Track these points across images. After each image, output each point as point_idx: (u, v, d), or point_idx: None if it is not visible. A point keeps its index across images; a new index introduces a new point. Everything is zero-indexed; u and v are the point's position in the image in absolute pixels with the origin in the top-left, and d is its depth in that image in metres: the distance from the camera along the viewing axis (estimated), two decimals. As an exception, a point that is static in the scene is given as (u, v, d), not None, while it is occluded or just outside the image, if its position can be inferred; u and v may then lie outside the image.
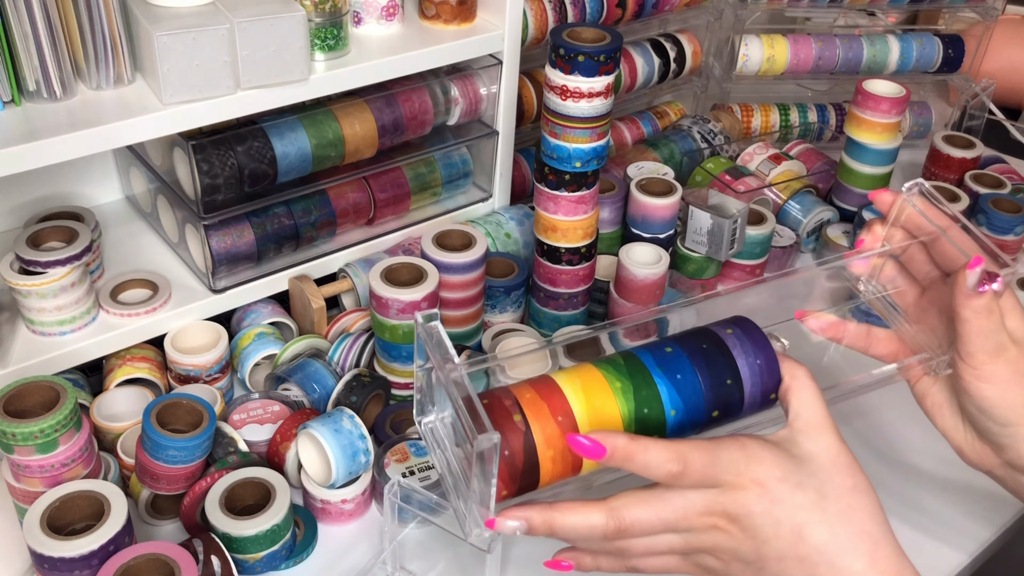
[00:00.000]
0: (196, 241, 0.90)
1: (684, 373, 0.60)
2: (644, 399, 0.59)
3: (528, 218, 1.08)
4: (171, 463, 0.74)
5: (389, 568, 0.76)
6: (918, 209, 0.69)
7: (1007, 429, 0.65)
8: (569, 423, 0.57)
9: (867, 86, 1.15)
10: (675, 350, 0.61)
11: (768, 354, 0.62)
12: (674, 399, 0.59)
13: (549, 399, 0.58)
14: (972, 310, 0.63)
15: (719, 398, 0.61)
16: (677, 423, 0.60)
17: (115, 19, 0.77)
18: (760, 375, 0.62)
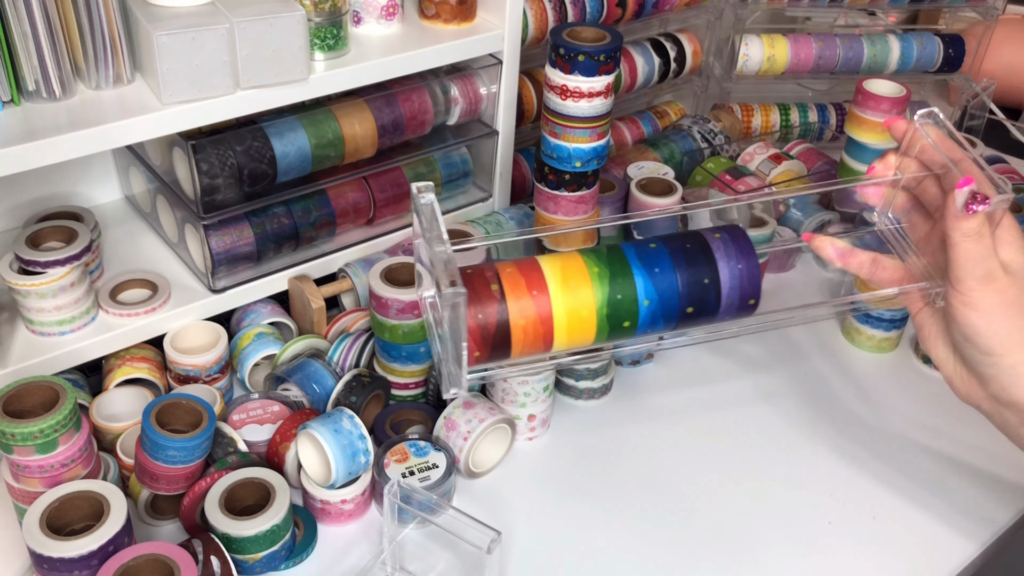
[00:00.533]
0: (196, 241, 0.90)
1: (663, 267, 0.63)
2: (619, 286, 0.62)
3: (528, 218, 1.08)
4: (171, 463, 0.74)
5: (389, 568, 0.76)
6: (930, 139, 0.68)
7: (990, 358, 0.65)
8: (543, 299, 0.61)
9: (867, 86, 1.15)
10: (659, 246, 0.64)
11: (751, 261, 0.65)
12: (648, 290, 0.63)
13: (528, 275, 0.62)
14: (961, 232, 0.63)
15: (694, 295, 0.64)
16: (650, 313, 0.63)
17: (115, 19, 0.77)
18: (740, 279, 0.65)
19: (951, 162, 0.67)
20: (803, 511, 0.84)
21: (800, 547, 0.81)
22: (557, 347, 0.64)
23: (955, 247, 0.64)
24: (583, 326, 0.63)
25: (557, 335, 0.63)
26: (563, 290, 0.62)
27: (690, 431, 0.92)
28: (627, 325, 0.64)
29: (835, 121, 1.43)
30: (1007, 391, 0.66)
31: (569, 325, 0.63)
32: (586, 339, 0.64)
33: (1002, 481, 0.88)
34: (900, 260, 0.73)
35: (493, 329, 0.61)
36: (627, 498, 0.85)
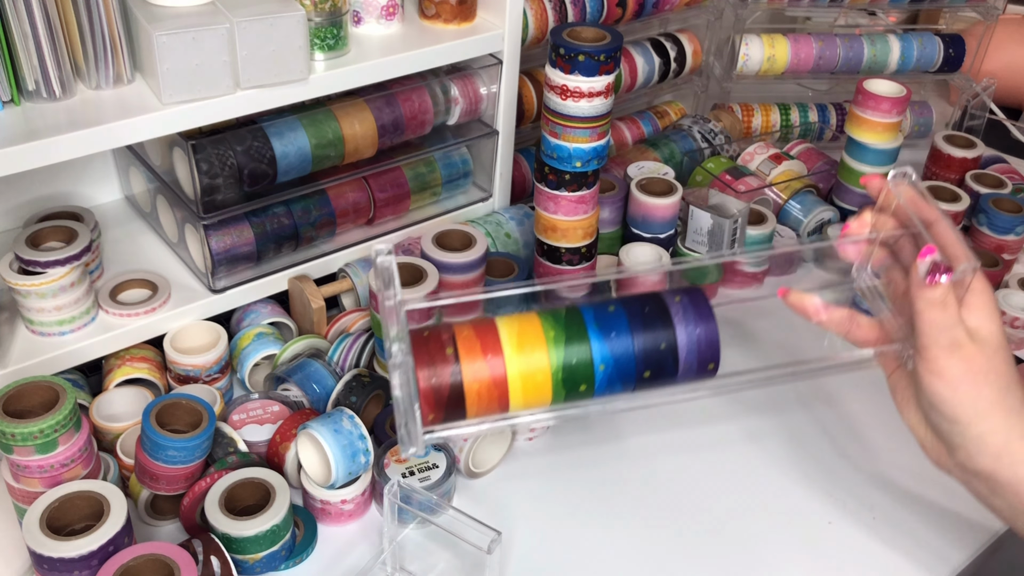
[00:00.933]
0: (196, 241, 0.90)
1: (619, 331, 0.63)
2: (575, 351, 0.62)
3: (528, 218, 1.08)
4: (171, 463, 0.74)
5: (389, 568, 0.76)
6: (902, 200, 0.68)
7: (956, 427, 0.64)
8: (498, 362, 0.62)
9: (868, 86, 1.14)
10: (617, 309, 0.64)
11: (710, 326, 0.64)
12: (604, 355, 0.63)
13: (484, 338, 0.62)
14: (925, 301, 0.62)
15: (651, 360, 0.63)
16: (607, 377, 0.63)
17: (115, 19, 0.77)
18: (698, 344, 0.64)
19: (923, 224, 0.66)
20: (803, 511, 0.84)
21: (800, 547, 0.81)
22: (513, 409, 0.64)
23: (919, 315, 0.63)
24: (538, 390, 0.63)
25: (512, 398, 0.63)
26: (518, 353, 0.62)
27: (690, 430, 0.92)
28: (583, 389, 0.64)
29: (835, 121, 1.43)
30: (973, 460, 0.64)
31: (524, 389, 0.62)
32: (542, 402, 0.64)
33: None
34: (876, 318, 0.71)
35: (447, 392, 0.61)
36: (627, 498, 0.85)
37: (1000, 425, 0.63)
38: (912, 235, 0.69)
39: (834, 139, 1.44)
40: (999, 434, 0.63)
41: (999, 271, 1.13)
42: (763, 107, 1.43)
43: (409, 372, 0.59)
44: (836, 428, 0.94)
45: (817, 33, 1.41)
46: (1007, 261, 1.14)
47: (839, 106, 1.45)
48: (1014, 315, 1.05)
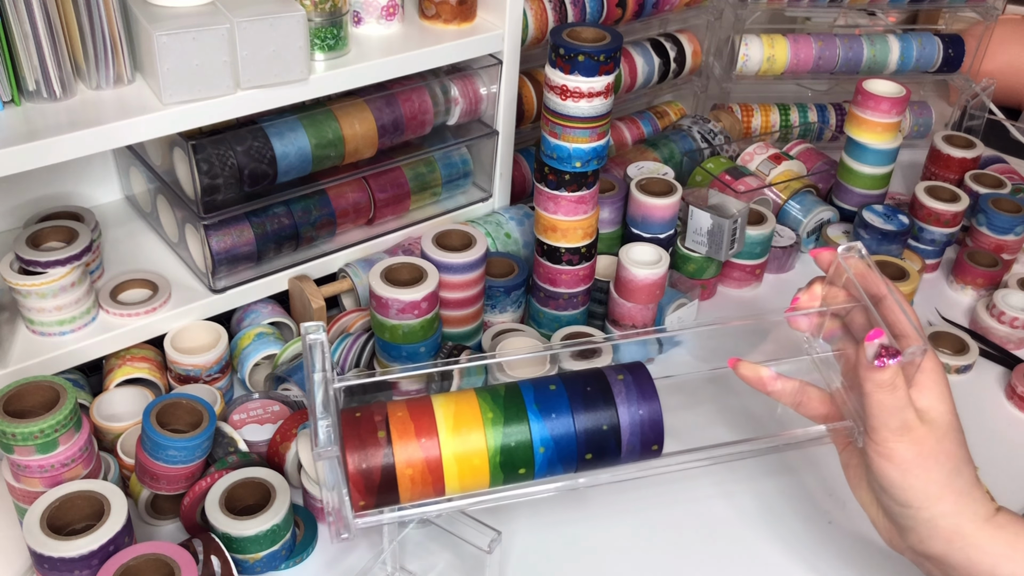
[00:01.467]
0: (196, 241, 0.90)
1: (560, 412, 0.61)
2: (513, 432, 0.61)
3: (528, 218, 1.08)
4: (171, 463, 0.74)
5: (389, 568, 0.76)
6: (851, 275, 0.68)
7: (907, 511, 0.63)
8: (432, 445, 0.60)
9: (867, 86, 1.15)
10: (558, 388, 0.62)
11: (652, 406, 0.62)
12: (544, 437, 0.61)
13: (418, 420, 0.60)
14: (873, 383, 0.61)
15: (592, 441, 0.62)
16: (546, 459, 0.62)
17: (115, 19, 0.77)
18: (641, 425, 0.62)
19: (872, 300, 0.66)
20: (803, 511, 0.84)
21: (800, 547, 0.81)
22: (450, 492, 0.62)
23: (868, 397, 0.62)
24: (475, 473, 0.61)
25: (448, 482, 0.61)
26: (453, 436, 0.60)
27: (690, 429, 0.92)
28: (523, 472, 0.63)
29: (835, 121, 1.43)
30: (925, 544, 0.63)
31: (460, 472, 0.61)
32: (480, 484, 0.63)
33: (1002, 481, 0.88)
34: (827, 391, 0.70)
35: (378, 477, 0.59)
36: (627, 498, 0.85)
37: (951, 509, 0.62)
38: (863, 308, 0.68)
39: (833, 139, 1.44)
40: (949, 518, 0.62)
41: (998, 271, 1.13)
42: (763, 107, 1.43)
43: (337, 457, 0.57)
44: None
45: (817, 33, 1.41)
46: (1006, 261, 1.14)
47: (839, 106, 1.45)
48: (1013, 315, 1.05)
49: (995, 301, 1.07)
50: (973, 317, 1.10)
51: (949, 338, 1.04)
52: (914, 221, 1.16)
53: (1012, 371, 1.00)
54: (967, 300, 1.15)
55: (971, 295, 1.15)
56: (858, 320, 0.69)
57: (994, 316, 1.07)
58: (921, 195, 1.15)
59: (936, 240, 1.16)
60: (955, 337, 1.04)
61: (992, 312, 1.07)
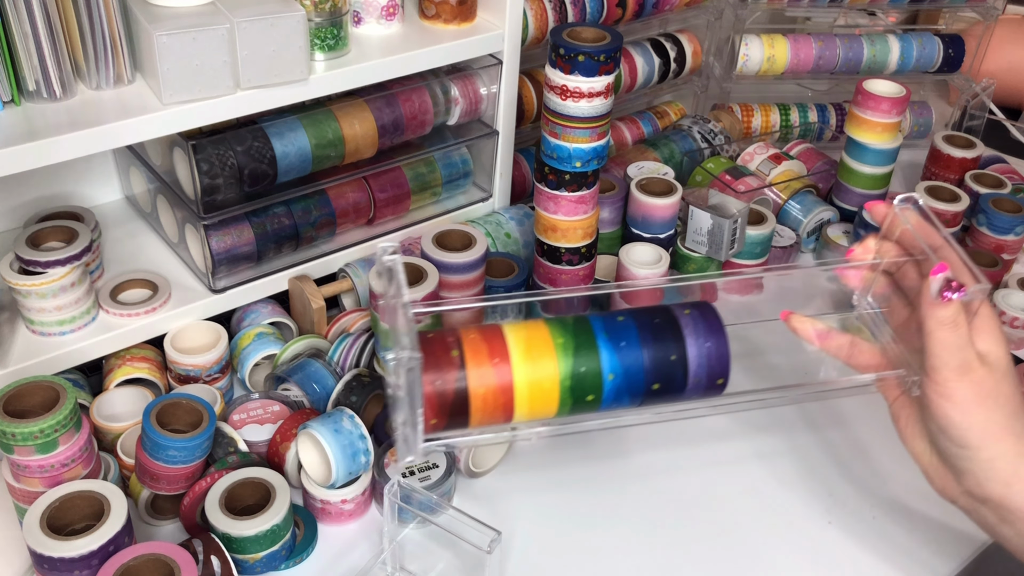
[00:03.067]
0: (196, 241, 0.90)
1: (629, 342, 0.61)
2: (584, 359, 0.60)
3: (528, 218, 1.08)
4: (171, 463, 0.74)
5: (389, 568, 0.76)
6: (909, 226, 0.68)
7: (965, 452, 0.63)
8: (504, 368, 0.59)
9: (867, 86, 1.14)
10: (627, 320, 0.62)
11: (719, 339, 0.62)
12: (614, 364, 0.60)
13: (490, 343, 0.59)
14: (936, 320, 0.61)
15: (661, 372, 0.61)
16: (615, 387, 0.61)
17: (115, 19, 0.77)
18: (708, 358, 0.62)
19: (930, 248, 0.65)
20: (803, 511, 0.84)
21: (800, 547, 0.81)
22: (518, 418, 0.61)
23: (930, 336, 0.62)
24: (545, 398, 0.61)
25: (518, 406, 0.60)
26: (526, 360, 0.60)
27: (689, 429, 0.92)
28: (591, 399, 0.62)
29: (835, 121, 1.43)
30: (982, 486, 0.64)
31: (531, 396, 0.60)
32: (548, 411, 0.62)
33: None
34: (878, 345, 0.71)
35: (451, 397, 0.58)
36: (627, 498, 0.85)
37: (1010, 450, 0.62)
38: (916, 262, 0.68)
39: (834, 139, 1.44)
40: (1009, 460, 0.62)
41: (998, 271, 1.13)
42: (763, 107, 1.43)
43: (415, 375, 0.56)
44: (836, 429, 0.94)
45: (817, 33, 1.41)
46: (1006, 261, 1.14)
47: (839, 106, 1.45)
48: (1014, 315, 1.05)
49: (995, 301, 1.07)
50: (973, 317, 1.10)
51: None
52: (914, 221, 1.15)
53: (1012, 371, 1.00)
54: (967, 300, 1.15)
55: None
56: (910, 275, 0.69)
57: (994, 316, 1.07)
58: (921, 195, 1.15)
59: (936, 240, 1.16)
60: (955, 337, 1.04)
61: (992, 312, 1.07)
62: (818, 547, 0.81)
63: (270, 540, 0.73)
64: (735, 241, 1.05)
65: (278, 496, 0.75)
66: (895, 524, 0.84)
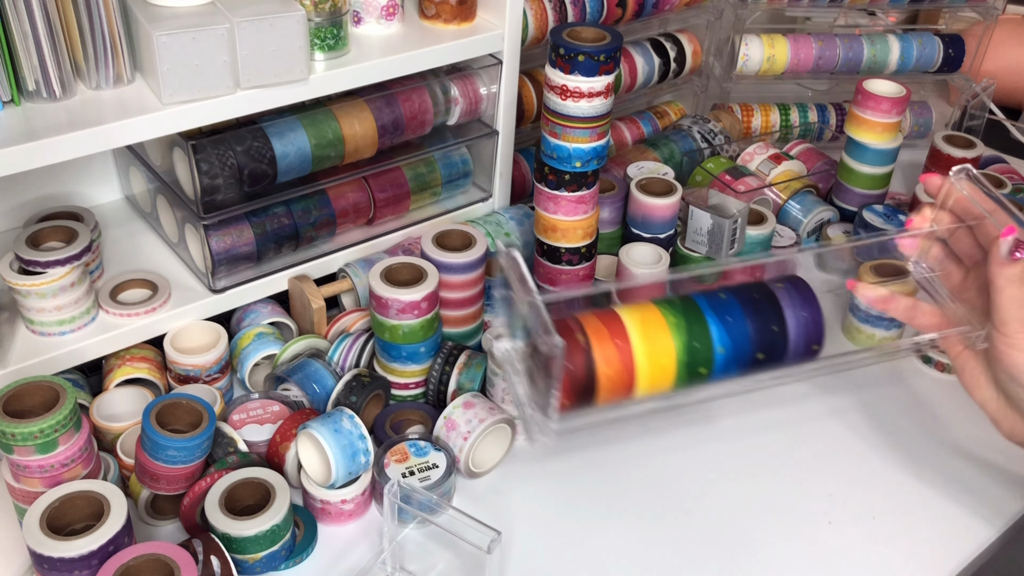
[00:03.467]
0: (196, 241, 0.90)
1: (734, 316, 0.66)
2: (695, 334, 0.65)
3: (528, 218, 1.08)
4: (171, 463, 0.74)
5: (389, 568, 0.76)
6: (965, 193, 0.73)
7: None
8: (626, 348, 0.64)
9: (867, 86, 1.14)
10: (728, 296, 0.68)
11: (814, 309, 0.68)
12: (723, 338, 0.66)
13: (610, 325, 0.64)
14: (1006, 278, 0.67)
15: (764, 341, 0.67)
16: (724, 360, 0.66)
17: (115, 19, 0.77)
18: (805, 326, 0.68)
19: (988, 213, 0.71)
20: (803, 511, 0.84)
21: (800, 547, 0.81)
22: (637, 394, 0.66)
23: (1000, 292, 0.67)
24: (663, 373, 0.65)
25: (639, 382, 0.65)
26: (644, 339, 0.65)
27: (689, 430, 0.92)
28: (703, 372, 0.67)
29: (835, 121, 1.43)
30: None
31: (651, 372, 0.65)
32: (665, 386, 0.67)
33: (1002, 481, 0.88)
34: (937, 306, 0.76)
35: (582, 378, 0.63)
36: (627, 498, 0.85)
37: None
38: (968, 228, 0.74)
39: (833, 139, 1.44)
40: None
41: (999, 271, 1.13)
42: (763, 107, 1.43)
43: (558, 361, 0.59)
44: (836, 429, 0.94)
45: (817, 33, 1.41)
46: (1007, 261, 1.14)
47: (839, 106, 1.45)
48: (1014, 315, 1.05)
49: (995, 301, 1.07)
50: (973, 317, 1.10)
51: (949, 338, 1.04)
52: (914, 221, 1.15)
53: (1012, 371, 1.00)
54: (967, 300, 1.15)
55: None
56: (964, 240, 0.75)
57: (994, 316, 1.07)
58: (921, 195, 1.15)
59: (936, 240, 1.16)
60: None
61: (992, 312, 1.07)
62: (818, 547, 0.81)
63: (270, 540, 0.73)
64: (735, 241, 1.05)
65: (278, 496, 0.75)
66: (895, 524, 0.84)
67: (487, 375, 0.88)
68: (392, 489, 0.72)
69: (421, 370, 0.90)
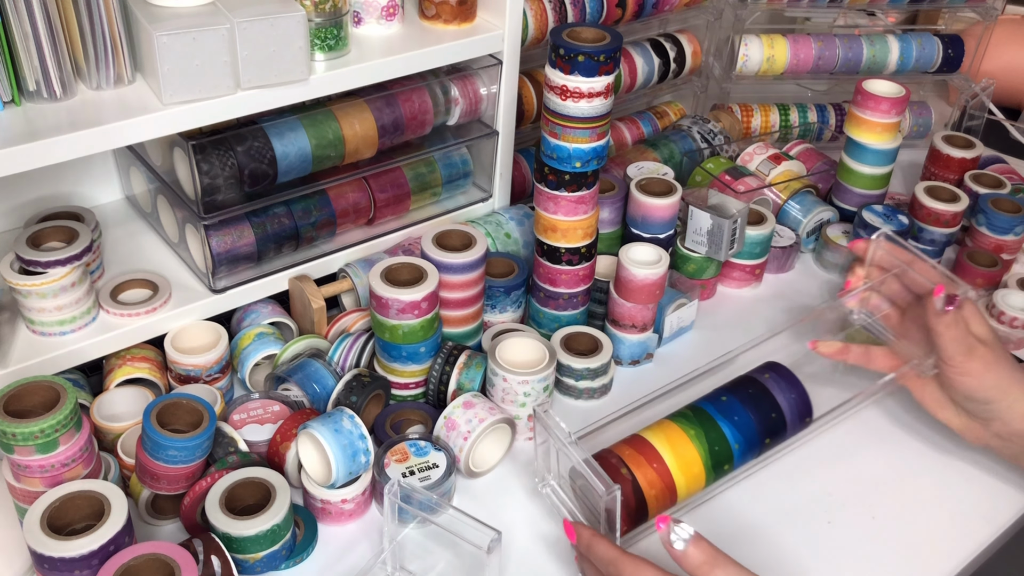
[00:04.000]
0: (196, 241, 0.90)
1: (739, 415, 0.80)
2: (714, 440, 0.78)
3: (528, 218, 1.08)
4: (171, 463, 0.74)
5: (389, 568, 0.76)
6: (885, 251, 0.94)
7: (990, 406, 0.83)
8: (663, 468, 0.76)
9: (867, 86, 1.15)
10: (729, 398, 0.81)
11: (799, 388, 0.83)
12: (736, 436, 0.79)
13: (643, 452, 0.76)
14: (944, 324, 0.83)
15: (768, 429, 0.81)
16: (741, 453, 0.80)
17: (115, 19, 0.77)
18: (797, 406, 0.83)
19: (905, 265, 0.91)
20: (803, 511, 0.85)
21: (800, 547, 0.81)
22: (679, 501, 0.78)
23: (941, 336, 0.83)
24: (696, 480, 0.77)
25: (680, 492, 0.77)
26: (674, 455, 0.76)
27: (690, 431, 0.92)
28: (727, 468, 0.80)
29: (834, 121, 1.43)
30: (1009, 426, 0.83)
31: (687, 482, 0.77)
32: (699, 488, 0.79)
33: (1001, 481, 0.89)
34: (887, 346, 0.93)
35: (633, 505, 0.74)
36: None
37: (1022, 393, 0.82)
38: (895, 276, 0.93)
39: (833, 139, 1.44)
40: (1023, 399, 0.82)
41: (998, 271, 1.13)
42: (762, 107, 1.43)
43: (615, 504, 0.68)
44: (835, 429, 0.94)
45: (816, 33, 1.41)
46: (1006, 261, 1.14)
47: (838, 106, 1.45)
48: (1013, 315, 1.05)
49: (995, 301, 1.07)
50: (973, 317, 1.10)
51: (949, 338, 1.04)
52: (914, 221, 1.16)
53: (1012, 371, 1.01)
54: (967, 300, 1.15)
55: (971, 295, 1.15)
56: (893, 287, 0.94)
57: (994, 316, 1.07)
58: (921, 195, 1.15)
59: (936, 240, 1.16)
60: (955, 337, 1.04)
61: (992, 312, 1.08)
62: (818, 547, 0.81)
63: (270, 540, 0.73)
64: (735, 241, 1.05)
65: (278, 496, 0.75)
66: (895, 524, 0.84)
67: (487, 375, 0.88)
68: (392, 489, 0.72)
69: (421, 370, 0.90)
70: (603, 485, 0.68)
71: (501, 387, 0.87)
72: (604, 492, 0.68)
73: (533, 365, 0.88)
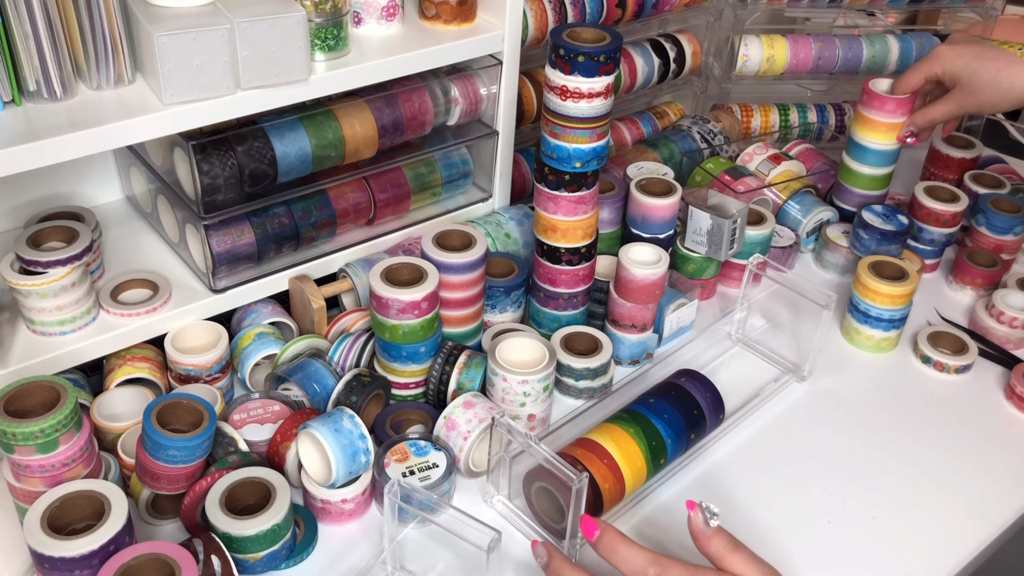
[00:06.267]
0: (196, 241, 0.90)
1: (668, 414, 0.85)
2: (651, 435, 0.83)
3: (528, 218, 1.08)
4: (171, 463, 0.74)
5: (389, 568, 0.76)
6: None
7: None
8: (611, 463, 0.80)
9: (874, 86, 1.14)
10: (656, 400, 0.87)
11: (713, 390, 0.89)
12: (668, 432, 0.84)
13: (593, 450, 0.81)
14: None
15: (692, 425, 0.87)
16: (673, 448, 0.85)
17: (115, 19, 0.77)
18: (712, 404, 0.89)
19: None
20: (803, 511, 0.85)
21: (800, 547, 0.81)
22: (627, 495, 0.82)
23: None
24: (640, 473, 0.82)
25: (628, 485, 0.81)
26: (620, 452, 0.81)
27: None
28: (663, 461, 0.85)
29: (834, 121, 1.43)
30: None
31: (633, 476, 0.81)
32: (641, 482, 0.83)
33: (1001, 481, 0.89)
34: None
35: (592, 498, 0.78)
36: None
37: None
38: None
39: (833, 139, 1.44)
40: None
41: (997, 271, 1.13)
42: (762, 107, 1.43)
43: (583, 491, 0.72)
44: (835, 429, 0.94)
45: (816, 34, 1.41)
46: (1005, 261, 1.14)
47: (838, 106, 1.45)
48: (1013, 315, 1.06)
49: (994, 301, 1.07)
50: (972, 317, 1.10)
51: (948, 338, 1.04)
52: (913, 221, 1.16)
53: (1011, 371, 1.00)
54: (966, 300, 1.15)
55: (970, 295, 1.15)
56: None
57: (993, 316, 1.07)
58: (920, 195, 1.15)
59: (935, 240, 1.16)
60: (954, 337, 1.04)
61: (991, 312, 1.08)
62: (818, 547, 0.81)
63: (270, 540, 0.73)
64: (734, 241, 1.05)
65: (278, 496, 0.75)
66: (895, 524, 0.84)
67: (487, 375, 0.89)
68: (392, 489, 0.72)
69: (421, 370, 0.90)
70: (573, 473, 0.72)
71: (501, 387, 0.87)
72: (576, 479, 0.72)
73: (533, 365, 0.88)
